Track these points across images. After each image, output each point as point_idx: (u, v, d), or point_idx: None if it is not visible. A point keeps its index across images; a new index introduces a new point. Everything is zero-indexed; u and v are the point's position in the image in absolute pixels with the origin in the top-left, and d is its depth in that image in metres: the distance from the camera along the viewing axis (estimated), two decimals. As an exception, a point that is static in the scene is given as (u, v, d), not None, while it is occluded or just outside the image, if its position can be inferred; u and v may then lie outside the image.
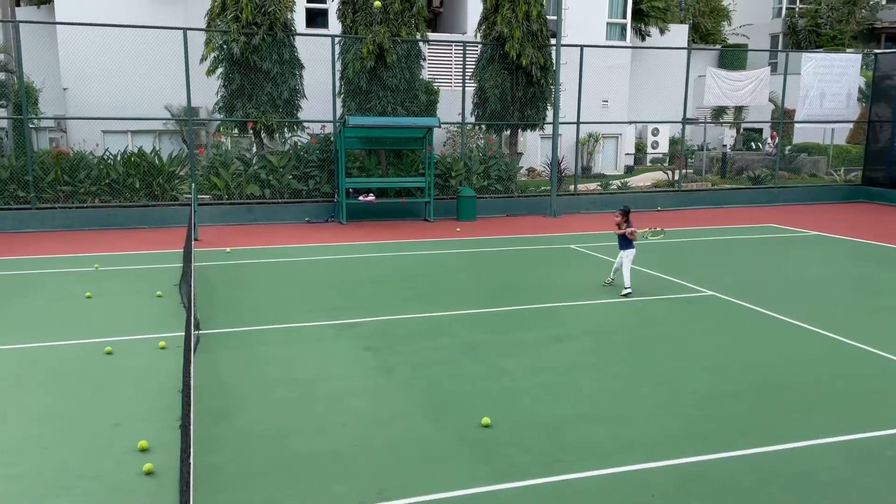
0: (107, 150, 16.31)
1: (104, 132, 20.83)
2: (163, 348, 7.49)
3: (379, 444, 5.40)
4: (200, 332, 7.97)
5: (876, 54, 22.27)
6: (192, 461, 3.83)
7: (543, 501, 4.66)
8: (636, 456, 5.21)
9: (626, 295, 9.73)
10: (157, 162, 16.14)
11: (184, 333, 7.78)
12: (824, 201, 20.88)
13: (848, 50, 30.09)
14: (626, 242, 10.01)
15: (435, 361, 7.22)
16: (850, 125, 24.31)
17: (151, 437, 5.38)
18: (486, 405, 6.08)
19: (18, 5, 22.67)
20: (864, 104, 23.25)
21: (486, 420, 5.72)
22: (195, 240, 12.07)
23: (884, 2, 39.62)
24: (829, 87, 20.58)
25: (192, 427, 4.70)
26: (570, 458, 5.20)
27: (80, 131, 20.65)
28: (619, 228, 10.03)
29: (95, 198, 15.69)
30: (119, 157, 15.92)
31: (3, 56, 17.08)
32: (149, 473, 4.90)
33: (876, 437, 5.57)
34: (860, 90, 22.19)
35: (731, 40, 39.39)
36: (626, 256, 9.99)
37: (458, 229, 15.71)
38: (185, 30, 15.45)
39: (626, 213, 10.11)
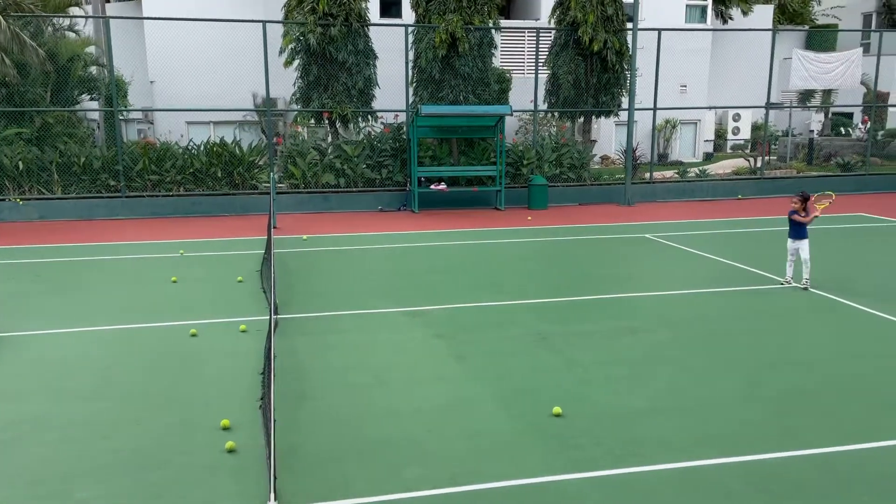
0: (191, 140, 16.95)
1: (188, 123, 21.68)
2: (244, 331, 7.77)
3: (451, 431, 5.47)
4: (279, 316, 8.23)
5: (981, 32, 20.79)
6: (273, 442, 3.98)
7: (614, 493, 4.63)
8: (710, 451, 5.10)
9: (805, 288, 9.27)
10: (237, 152, 16.67)
11: (264, 317, 8.06)
12: (919, 189, 19.72)
13: (950, 28, 28.17)
14: (801, 231, 9.25)
15: (506, 350, 7.24)
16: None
17: (233, 417, 5.61)
18: (557, 395, 6.07)
19: (108, 1, 23.76)
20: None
21: (557, 409, 5.70)
22: (274, 227, 12.44)
23: None
24: (927, 67, 19.37)
25: (272, 408, 4.88)
26: (642, 450, 5.13)
27: (165, 122, 21.58)
28: (800, 215, 9.22)
29: (180, 186, 16.35)
30: (202, 148, 16.52)
31: (94, 50, 17.95)
32: (231, 451, 5.12)
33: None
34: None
35: (821, 21, 37.51)
36: (803, 247, 9.29)
37: (529, 218, 15.62)
38: (264, 22, 15.85)
39: (805, 200, 9.25)
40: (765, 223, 14.77)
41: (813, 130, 26.58)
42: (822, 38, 31.61)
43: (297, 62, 16.63)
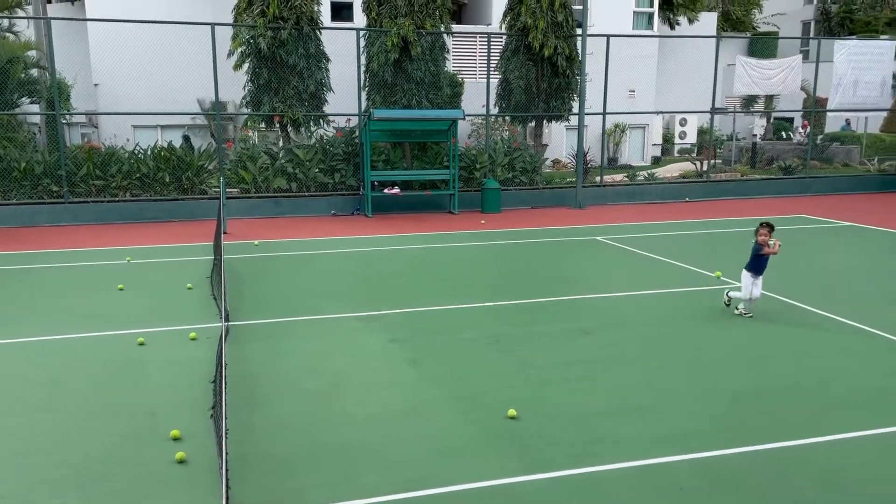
0: (137, 144, 16.55)
1: (134, 127, 21.17)
2: (193, 339, 7.61)
3: (407, 435, 5.44)
4: (230, 323, 8.08)
5: (911, 41, 21.73)
6: (226, 451, 3.90)
7: (571, 493, 4.67)
8: (664, 449, 5.19)
9: (740, 313, 8.53)
10: (186, 156, 16.35)
11: (214, 325, 7.90)
12: (857, 191, 20.48)
13: (882, 36, 29.40)
14: (760, 264, 8.44)
15: (461, 354, 7.24)
16: (885, 114, 23.79)
17: (183, 427, 5.48)
18: (513, 397, 6.09)
19: (50, 2, 23.06)
20: (899, 92, 22.73)
21: (511, 412, 5.73)
22: (224, 233, 12.23)
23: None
24: (862, 74, 20.16)
25: (225, 417, 4.78)
26: (598, 450, 5.19)
27: (111, 126, 21.02)
28: (769, 247, 8.35)
29: (127, 192, 15.94)
30: (149, 152, 16.15)
31: (35, 52, 17.39)
32: (181, 462, 5.00)
33: (910, 431, 5.48)
34: (894, 77, 21.68)
35: (762, 29, 38.73)
36: (757, 284, 8.43)
37: (482, 221, 15.70)
38: (212, 25, 15.60)
39: (772, 229, 8.51)
40: (712, 225, 15.15)
41: (756, 135, 27.40)
42: (763, 45, 32.67)
43: (246, 65, 16.41)
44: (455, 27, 20.76)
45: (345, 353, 7.28)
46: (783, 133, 29.05)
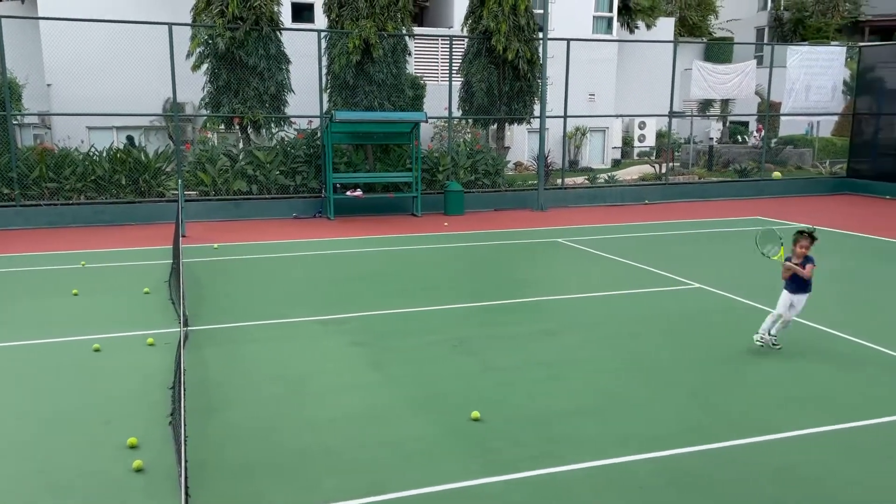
0: (92, 146, 16.18)
1: (89, 128, 20.67)
2: (151, 345, 7.46)
3: (369, 439, 5.41)
4: (189, 328, 7.94)
5: (860, 47, 22.45)
6: (185, 458, 3.83)
7: (533, 494, 4.69)
8: (625, 449, 5.25)
9: (767, 345, 7.28)
10: (143, 158, 16.04)
11: (172, 330, 7.76)
12: (810, 193, 21.05)
13: (833, 43, 30.29)
14: (796, 280, 7.15)
15: (424, 356, 7.24)
16: (836, 118, 24.49)
17: (141, 434, 5.37)
18: (475, 399, 6.11)
19: (0, 0, 22.40)
20: (848, 97, 23.44)
21: (475, 414, 5.74)
22: (182, 236, 12.02)
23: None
24: (814, 79, 20.72)
25: (184, 423, 4.70)
26: (561, 451, 5.23)
27: (64, 128, 20.46)
28: (802, 267, 7.05)
29: (81, 195, 15.57)
30: (105, 154, 15.80)
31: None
32: (138, 470, 4.90)
33: (861, 427, 5.64)
34: (845, 83, 22.37)
35: (718, 34, 39.55)
36: (794, 304, 7.21)
37: (445, 224, 15.72)
38: (170, 25, 15.34)
39: (813, 239, 7.04)
40: (671, 227, 15.40)
41: (712, 138, 27.99)
42: (719, 51, 33.37)
43: (205, 66, 16.17)
44: (417, 29, 20.77)
45: (306, 358, 7.22)
46: (738, 136, 29.71)
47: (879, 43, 30.50)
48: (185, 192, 15.27)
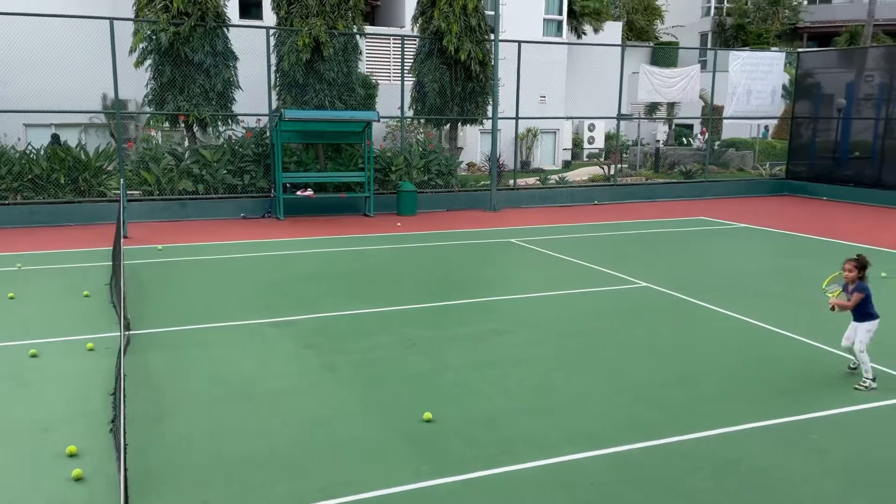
0: (29, 144, 15.60)
1: (26, 126, 19.89)
2: (91, 350, 7.20)
3: (320, 443, 5.32)
4: (131, 332, 7.70)
5: (799, 53, 23.22)
6: (125, 466, 3.69)
7: (487, 493, 4.68)
8: (576, 446, 5.29)
9: (867, 388, 6.37)
10: (83, 157, 15.52)
11: (113, 334, 7.51)
12: (751, 195, 21.66)
13: (772, 48, 31.27)
14: (857, 313, 6.48)
15: (377, 358, 7.16)
16: (775, 121, 25.29)
17: (81, 442, 5.17)
18: (428, 400, 6.07)
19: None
20: (787, 101, 24.22)
21: (427, 415, 5.70)
22: (124, 237, 11.66)
23: (805, 3, 41.33)
24: (755, 84, 21.32)
25: (124, 430, 4.54)
26: (514, 449, 5.23)
27: (0, 125, 19.64)
28: (848, 299, 6.42)
29: (17, 194, 14.98)
30: (42, 152, 15.24)
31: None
32: (78, 479, 4.70)
33: (800, 421, 5.80)
34: (784, 87, 23.10)
35: (664, 39, 40.44)
36: (857, 331, 6.48)
37: (398, 224, 15.64)
38: (111, 19, 14.90)
39: (863, 267, 6.40)
40: (619, 227, 15.64)
41: (659, 140, 28.61)
42: (665, 55, 34.11)
43: (148, 62, 15.74)
44: (368, 28, 20.63)
45: (256, 361, 7.07)
46: (684, 139, 30.43)
47: (817, 49, 31.66)
48: (128, 192, 14.83)
